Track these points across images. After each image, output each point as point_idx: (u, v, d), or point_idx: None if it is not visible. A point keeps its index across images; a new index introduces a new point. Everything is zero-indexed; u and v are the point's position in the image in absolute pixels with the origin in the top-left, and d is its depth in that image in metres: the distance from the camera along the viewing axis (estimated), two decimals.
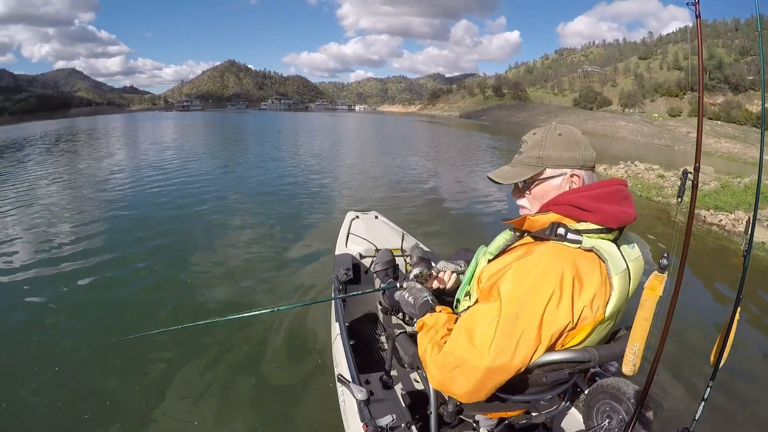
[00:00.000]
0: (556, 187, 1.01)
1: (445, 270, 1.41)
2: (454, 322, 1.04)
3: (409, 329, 1.99)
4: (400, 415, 1.38)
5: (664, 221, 6.44)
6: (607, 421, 1.15)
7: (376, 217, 3.03)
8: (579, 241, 0.91)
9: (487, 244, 1.16)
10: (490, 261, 1.06)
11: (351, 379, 1.51)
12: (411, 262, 2.13)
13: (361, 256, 2.62)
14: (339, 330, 1.88)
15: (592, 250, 0.91)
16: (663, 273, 0.85)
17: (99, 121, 47.98)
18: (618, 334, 1.05)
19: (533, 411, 1.21)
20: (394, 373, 1.71)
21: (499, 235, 1.14)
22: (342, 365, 1.69)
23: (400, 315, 2.11)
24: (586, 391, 1.32)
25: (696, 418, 1.02)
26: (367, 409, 1.32)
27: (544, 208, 1.00)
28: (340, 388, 1.68)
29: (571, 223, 0.94)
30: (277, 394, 2.34)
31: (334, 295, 2.19)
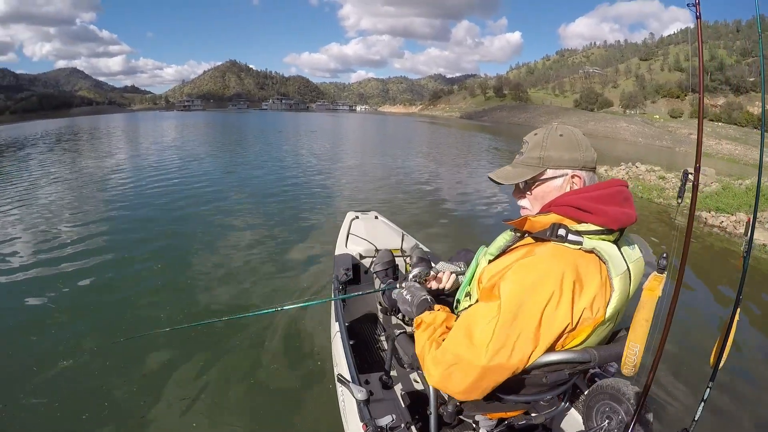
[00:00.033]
0: (557, 187, 1.01)
1: (445, 271, 1.41)
2: (454, 321, 1.04)
3: (408, 329, 1.99)
4: (400, 415, 1.38)
5: (665, 223, 6.43)
6: (606, 421, 1.15)
7: (376, 217, 3.02)
8: (580, 243, 0.91)
9: (488, 245, 1.16)
10: (491, 261, 1.07)
11: (351, 379, 1.50)
12: (411, 262, 2.13)
13: (361, 257, 2.61)
14: (339, 330, 1.88)
15: (592, 252, 0.91)
16: (662, 274, 0.86)
17: (100, 120, 48.05)
18: (618, 335, 1.05)
19: (533, 411, 1.21)
20: (393, 373, 1.72)
21: (500, 235, 1.14)
22: (342, 365, 1.68)
23: (400, 315, 2.11)
24: (585, 391, 1.32)
25: (696, 419, 1.02)
26: (367, 409, 1.32)
27: (545, 209, 1.00)
28: (340, 388, 1.68)
29: (571, 224, 0.94)
30: (276, 394, 2.34)
31: (333, 295, 2.19)
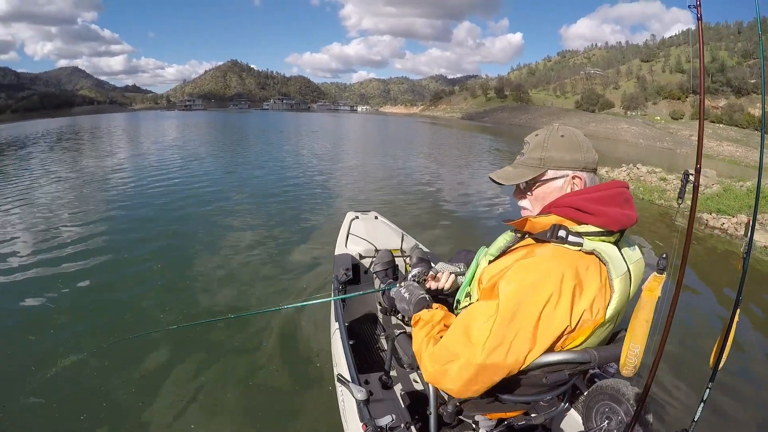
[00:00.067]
0: (557, 188, 1.01)
1: (444, 271, 1.41)
2: (453, 320, 1.04)
3: (408, 330, 1.98)
4: (400, 415, 1.38)
5: (666, 224, 6.43)
6: (606, 422, 1.15)
7: (376, 217, 3.02)
8: (580, 244, 0.91)
9: (489, 246, 1.16)
10: (491, 262, 1.07)
11: (350, 379, 1.50)
12: (411, 262, 2.13)
13: (361, 257, 2.61)
14: (338, 330, 1.88)
15: (592, 253, 0.91)
16: (661, 274, 0.86)
17: (101, 119, 48.06)
18: (618, 336, 1.05)
19: (532, 412, 1.20)
20: (393, 373, 1.72)
21: (501, 236, 1.14)
22: (341, 365, 1.68)
23: (400, 315, 2.11)
24: (585, 392, 1.32)
25: (695, 419, 1.02)
26: (367, 410, 1.32)
27: (546, 210, 1.00)
28: (340, 388, 1.68)
29: (572, 226, 0.94)
30: (276, 394, 2.35)
31: (333, 295, 2.19)
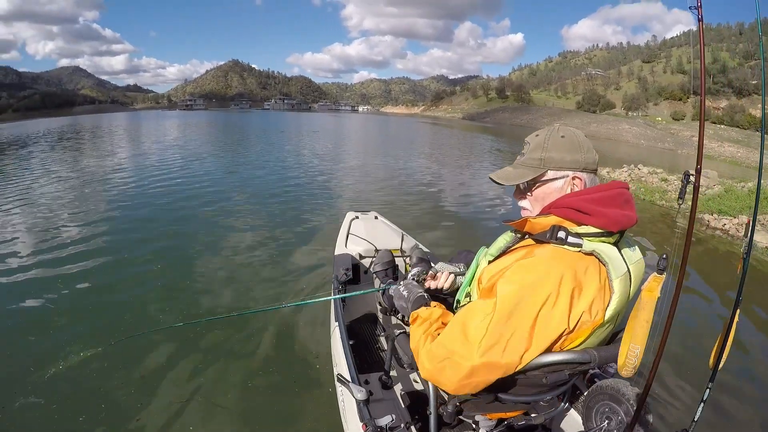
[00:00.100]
0: (557, 189, 1.01)
1: (443, 271, 1.41)
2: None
3: (408, 330, 1.99)
4: (400, 415, 1.38)
5: (667, 225, 6.42)
6: (606, 422, 1.16)
7: (376, 217, 3.02)
8: (579, 245, 0.91)
9: (489, 246, 1.16)
10: (491, 262, 1.07)
11: (350, 379, 1.50)
12: (410, 262, 2.13)
13: (361, 257, 2.62)
14: (338, 330, 1.88)
15: (592, 254, 0.91)
16: (661, 275, 0.86)
17: (102, 119, 48.16)
18: (618, 336, 1.05)
19: (532, 412, 1.20)
20: (393, 373, 1.72)
21: (501, 236, 1.14)
22: (341, 365, 1.68)
23: (400, 315, 2.11)
24: (585, 392, 1.32)
25: (695, 419, 1.02)
26: (367, 409, 1.32)
27: (545, 211, 1.00)
28: (340, 388, 1.68)
29: (571, 227, 0.94)
30: (276, 393, 2.34)
31: (333, 295, 2.19)
